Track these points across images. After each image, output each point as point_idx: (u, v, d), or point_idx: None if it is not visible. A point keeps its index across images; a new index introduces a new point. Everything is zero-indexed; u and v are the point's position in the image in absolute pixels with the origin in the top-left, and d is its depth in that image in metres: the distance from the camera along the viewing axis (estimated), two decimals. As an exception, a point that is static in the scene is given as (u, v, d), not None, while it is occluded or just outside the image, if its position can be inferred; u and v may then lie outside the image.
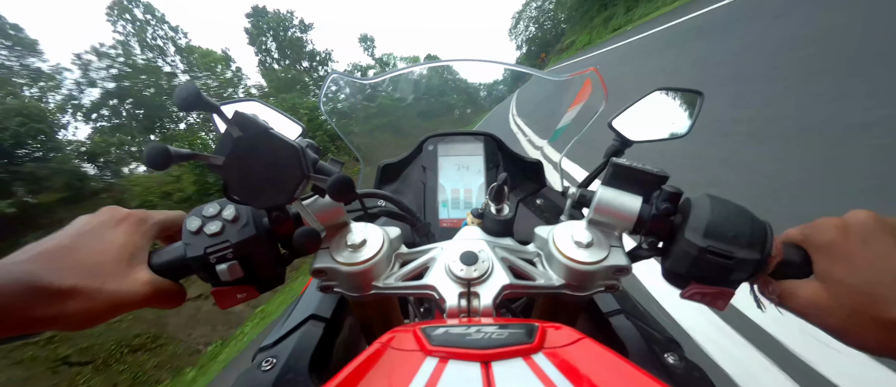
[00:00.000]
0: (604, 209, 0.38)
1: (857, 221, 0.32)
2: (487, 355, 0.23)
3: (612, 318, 0.48)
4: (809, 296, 0.32)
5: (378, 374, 0.24)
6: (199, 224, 0.36)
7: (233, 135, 0.30)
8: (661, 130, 0.66)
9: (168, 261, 0.36)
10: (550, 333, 0.26)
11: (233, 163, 0.30)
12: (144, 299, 0.33)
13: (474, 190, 0.72)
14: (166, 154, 0.27)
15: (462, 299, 0.36)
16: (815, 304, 0.32)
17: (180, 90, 0.27)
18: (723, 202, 0.36)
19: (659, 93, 0.67)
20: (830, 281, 0.31)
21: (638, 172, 0.38)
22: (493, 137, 0.77)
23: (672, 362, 0.40)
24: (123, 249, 0.33)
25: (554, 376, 0.22)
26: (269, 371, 0.41)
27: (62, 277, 0.29)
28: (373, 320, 0.47)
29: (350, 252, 0.38)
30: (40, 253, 0.30)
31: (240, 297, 0.38)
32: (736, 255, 0.33)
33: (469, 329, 0.26)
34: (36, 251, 0.30)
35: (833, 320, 0.31)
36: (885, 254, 0.30)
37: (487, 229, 0.46)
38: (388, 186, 0.81)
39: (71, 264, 0.30)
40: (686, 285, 0.37)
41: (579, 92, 0.84)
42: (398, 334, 0.28)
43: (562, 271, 0.38)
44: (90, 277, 0.30)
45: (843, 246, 0.31)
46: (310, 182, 0.32)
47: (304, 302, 0.56)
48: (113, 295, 0.31)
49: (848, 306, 0.30)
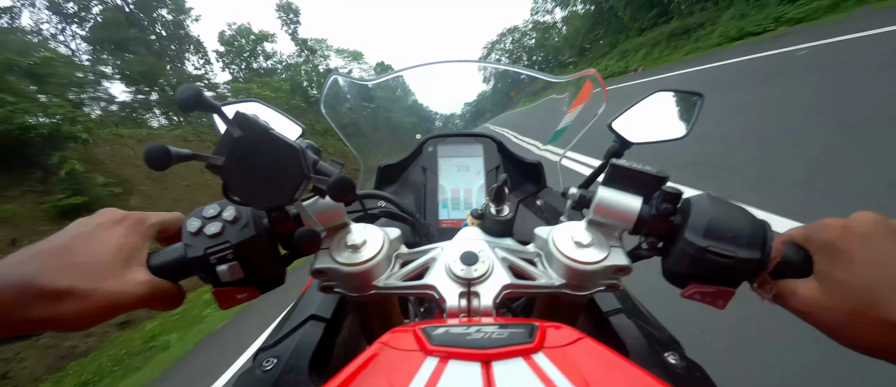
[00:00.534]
0: (604, 210, 0.38)
1: (861, 222, 0.31)
2: (487, 355, 0.23)
3: (613, 317, 0.48)
4: (809, 295, 0.32)
5: (378, 374, 0.24)
6: (199, 225, 0.36)
7: (233, 135, 0.30)
8: (660, 132, 0.66)
9: (167, 261, 0.36)
10: (551, 332, 0.26)
11: (233, 164, 0.30)
12: (141, 299, 0.33)
13: (474, 191, 0.72)
14: (166, 154, 0.27)
15: (462, 298, 0.36)
16: (814, 303, 0.32)
17: (181, 91, 0.27)
18: (722, 203, 0.36)
19: (659, 94, 0.67)
20: (830, 281, 0.31)
21: (637, 172, 0.38)
22: (492, 139, 0.77)
23: (672, 361, 0.40)
24: (120, 250, 0.33)
25: (554, 376, 0.22)
26: (270, 371, 0.42)
27: (58, 279, 0.29)
28: (373, 320, 0.47)
29: (350, 253, 0.39)
30: (36, 254, 0.30)
31: (240, 297, 0.38)
32: (736, 254, 0.33)
33: (469, 329, 0.26)
34: (32, 253, 0.30)
35: (832, 320, 0.31)
36: (887, 256, 0.29)
37: (487, 230, 0.46)
38: (388, 187, 0.81)
39: (67, 265, 0.30)
40: (686, 285, 0.37)
41: (579, 93, 0.84)
42: (398, 334, 0.28)
43: (562, 271, 0.38)
44: (87, 278, 0.31)
45: (844, 247, 0.31)
46: (310, 183, 0.32)
47: (304, 302, 0.56)
48: (110, 296, 0.31)
49: (847, 306, 0.30)
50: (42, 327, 0.30)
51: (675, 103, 0.68)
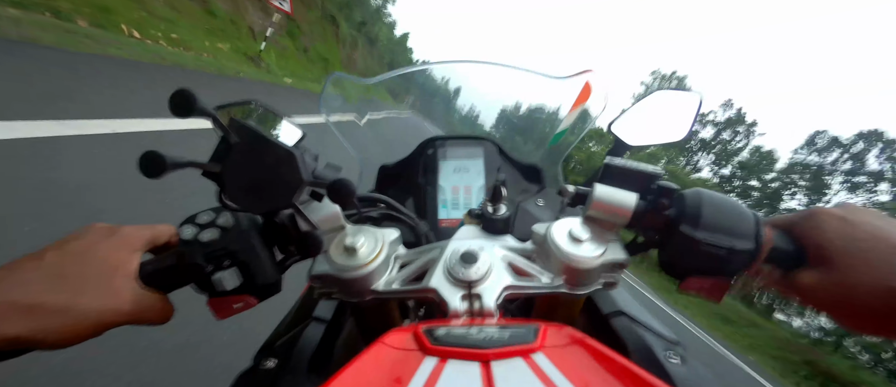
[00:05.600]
0: (600, 206, 0.39)
1: (844, 208, 0.34)
2: (487, 355, 0.23)
3: (613, 318, 0.48)
4: (805, 283, 0.34)
5: (377, 373, 0.24)
6: (194, 232, 0.36)
7: (229, 141, 0.30)
8: (659, 135, 0.66)
9: (160, 270, 0.35)
10: (551, 332, 0.26)
11: (230, 170, 0.30)
12: (128, 313, 0.32)
13: (474, 190, 0.72)
14: (161, 162, 0.27)
15: (463, 300, 0.36)
16: (811, 289, 0.34)
17: (174, 96, 0.27)
18: (715, 196, 0.37)
19: (660, 93, 0.67)
20: (825, 267, 0.33)
21: (632, 170, 0.39)
22: (493, 142, 0.77)
23: (673, 362, 0.40)
24: (107, 263, 0.32)
25: (554, 376, 0.22)
26: (270, 371, 0.41)
27: (39, 294, 0.28)
28: (372, 323, 0.47)
29: (348, 256, 0.38)
30: (16, 269, 0.29)
31: (237, 307, 0.37)
32: (729, 245, 0.35)
33: (469, 329, 0.26)
34: (11, 268, 0.29)
35: (831, 303, 0.33)
36: (874, 233, 0.31)
37: (485, 228, 0.46)
38: (387, 188, 0.81)
39: (49, 280, 0.29)
40: (683, 278, 0.38)
41: (579, 94, 0.84)
42: (398, 334, 0.28)
43: (560, 268, 0.38)
44: (69, 293, 0.29)
45: (834, 229, 0.33)
46: (308, 187, 0.32)
47: (304, 303, 0.56)
48: (93, 310, 0.30)
49: (843, 289, 0.31)
50: (22, 344, 0.28)
51: (674, 103, 0.68)
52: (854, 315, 0.32)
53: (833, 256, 0.32)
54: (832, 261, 0.32)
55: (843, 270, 0.32)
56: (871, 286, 0.30)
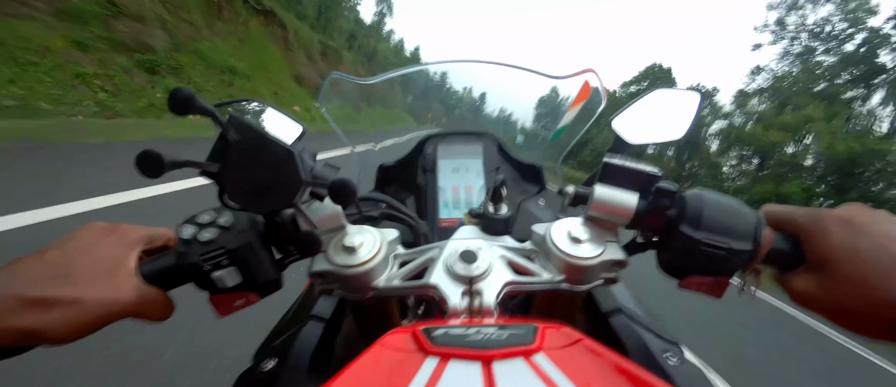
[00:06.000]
0: (600, 206, 0.39)
1: (851, 210, 0.33)
2: (488, 355, 0.23)
3: (612, 318, 0.48)
4: (801, 286, 0.34)
5: (378, 374, 0.24)
6: (193, 232, 0.36)
7: (228, 140, 0.29)
8: (659, 133, 0.66)
9: (160, 268, 0.35)
10: (551, 333, 0.26)
11: (229, 169, 0.30)
12: (131, 306, 0.33)
13: (474, 190, 0.72)
14: (158, 161, 0.27)
15: (464, 297, 0.36)
16: (806, 293, 0.33)
17: (174, 94, 0.27)
18: (716, 196, 0.37)
19: (660, 92, 0.67)
20: (826, 269, 0.32)
21: (632, 170, 0.39)
22: (493, 138, 0.77)
23: (671, 362, 0.41)
24: (107, 259, 0.33)
25: (555, 376, 0.22)
26: (270, 371, 0.41)
27: (42, 288, 0.29)
28: (371, 322, 0.47)
29: (348, 255, 0.38)
30: (20, 266, 0.30)
31: (238, 304, 0.38)
32: (728, 246, 0.35)
33: (469, 329, 0.26)
34: (15, 265, 0.30)
35: (830, 305, 0.32)
36: (880, 240, 0.31)
37: (485, 228, 0.46)
38: (387, 187, 0.81)
39: (52, 276, 0.30)
40: (683, 277, 0.38)
41: (579, 92, 0.84)
42: (397, 335, 0.28)
43: (560, 267, 0.38)
44: (72, 287, 0.30)
45: (838, 234, 0.32)
46: (308, 187, 0.32)
47: (303, 302, 0.56)
48: (96, 304, 0.30)
49: (843, 292, 0.31)
50: (29, 337, 0.29)
51: (674, 101, 0.68)
52: (849, 321, 0.32)
53: (833, 265, 0.32)
54: (831, 268, 0.32)
55: (841, 280, 0.31)
56: (868, 297, 0.30)
